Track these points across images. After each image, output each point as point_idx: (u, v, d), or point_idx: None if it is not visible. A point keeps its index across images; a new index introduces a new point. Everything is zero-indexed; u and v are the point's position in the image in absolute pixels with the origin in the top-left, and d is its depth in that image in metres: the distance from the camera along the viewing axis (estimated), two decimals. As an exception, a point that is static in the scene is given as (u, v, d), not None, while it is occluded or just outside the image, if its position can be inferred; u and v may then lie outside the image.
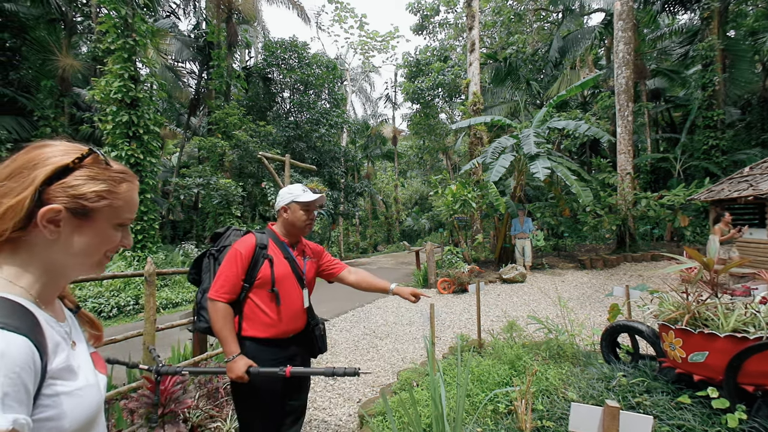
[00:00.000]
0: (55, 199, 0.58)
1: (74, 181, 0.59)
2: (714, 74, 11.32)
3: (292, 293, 1.74)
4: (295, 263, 1.78)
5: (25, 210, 0.55)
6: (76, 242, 0.61)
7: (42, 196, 0.57)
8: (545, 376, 2.58)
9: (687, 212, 10.04)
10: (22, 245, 0.58)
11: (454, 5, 19.13)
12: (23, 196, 0.55)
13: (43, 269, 0.60)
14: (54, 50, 12.49)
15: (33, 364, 0.51)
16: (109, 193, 0.63)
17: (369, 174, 25.15)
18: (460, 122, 10.51)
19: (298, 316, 1.77)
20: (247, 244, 1.69)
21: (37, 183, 0.56)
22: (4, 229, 0.55)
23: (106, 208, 0.62)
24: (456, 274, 7.62)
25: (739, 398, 1.78)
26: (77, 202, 0.59)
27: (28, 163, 0.58)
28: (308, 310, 1.85)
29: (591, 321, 4.88)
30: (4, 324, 0.50)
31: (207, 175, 12.51)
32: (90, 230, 0.62)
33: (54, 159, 0.59)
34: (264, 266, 1.67)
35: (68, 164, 0.59)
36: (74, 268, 0.64)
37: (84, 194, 0.60)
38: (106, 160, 0.64)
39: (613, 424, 1.15)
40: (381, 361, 4.05)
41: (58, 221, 0.58)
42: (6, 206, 0.55)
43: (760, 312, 1.91)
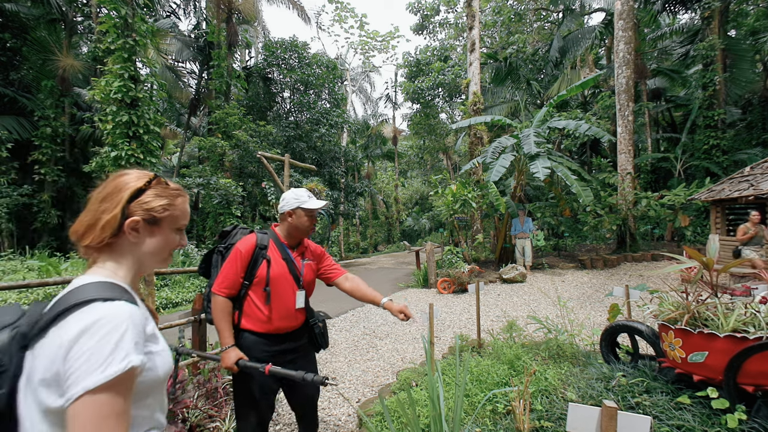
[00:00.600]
0: (135, 213, 0.80)
1: (146, 199, 0.81)
2: (715, 74, 11.31)
3: (285, 293, 1.80)
4: (293, 265, 1.84)
5: (117, 222, 0.78)
6: (151, 243, 0.83)
7: (126, 211, 0.79)
8: (544, 376, 2.57)
9: (687, 212, 10.03)
10: (116, 247, 0.80)
11: (454, 5, 19.12)
12: (115, 213, 0.77)
13: (130, 264, 0.82)
14: (54, 50, 12.51)
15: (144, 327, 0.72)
16: (170, 205, 0.84)
17: (369, 174, 25.15)
18: (461, 122, 10.51)
19: (290, 315, 1.82)
20: (248, 243, 1.77)
21: (122, 202, 0.78)
22: (104, 236, 0.77)
23: (168, 217, 0.84)
24: (456, 274, 7.62)
25: (738, 398, 1.77)
26: (149, 213, 0.81)
27: (115, 189, 0.80)
28: (307, 308, 1.90)
29: (591, 321, 4.87)
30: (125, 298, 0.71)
31: (207, 175, 12.51)
32: (159, 234, 0.84)
33: (131, 184, 0.81)
34: (262, 266, 1.75)
35: (141, 187, 0.81)
36: (150, 263, 0.85)
37: (153, 207, 0.82)
38: (166, 182, 0.86)
39: (610, 425, 1.15)
40: (380, 361, 4.05)
41: (137, 228, 0.80)
42: (104, 221, 0.77)
43: (760, 312, 1.90)
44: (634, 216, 9.75)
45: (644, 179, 12.94)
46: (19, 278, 7.71)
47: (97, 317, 0.65)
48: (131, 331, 0.67)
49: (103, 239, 0.77)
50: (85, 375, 0.60)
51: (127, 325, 0.67)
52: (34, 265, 8.61)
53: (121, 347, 0.64)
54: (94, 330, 0.64)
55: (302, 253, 1.91)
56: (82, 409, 0.60)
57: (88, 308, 0.67)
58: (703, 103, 11.79)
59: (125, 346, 0.65)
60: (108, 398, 0.62)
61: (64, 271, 8.21)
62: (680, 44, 14.66)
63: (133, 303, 0.72)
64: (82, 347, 0.62)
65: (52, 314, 0.67)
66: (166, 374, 0.77)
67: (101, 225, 0.77)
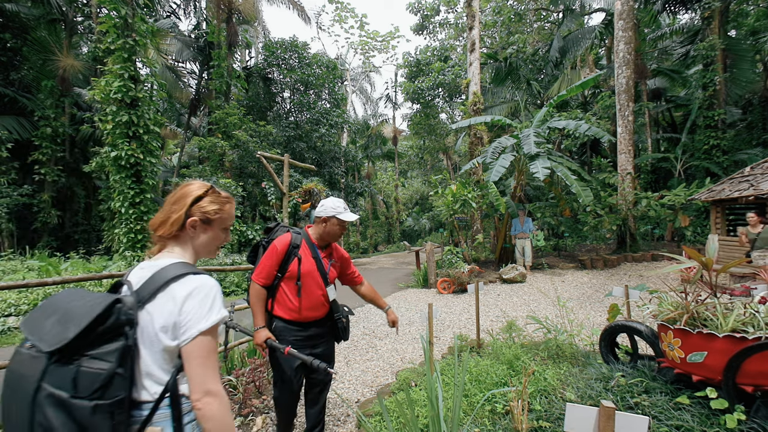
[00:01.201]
0: (194, 214, 1.07)
1: (203, 204, 1.08)
2: (715, 74, 11.29)
3: (313, 288, 2.06)
4: (321, 264, 2.10)
5: (182, 220, 1.05)
6: (204, 238, 1.11)
7: (188, 213, 1.06)
8: (543, 377, 2.57)
9: (688, 212, 10.02)
10: (180, 238, 1.08)
11: (454, 5, 19.11)
12: (181, 213, 1.05)
13: (190, 252, 1.09)
14: (55, 50, 12.51)
15: None
16: (220, 210, 1.11)
17: (369, 174, 25.14)
18: (461, 122, 10.50)
19: (317, 307, 2.09)
20: (284, 242, 2.05)
21: (187, 206, 1.06)
22: (172, 230, 1.05)
23: (218, 219, 1.11)
24: (456, 274, 7.61)
25: (738, 398, 1.77)
26: (205, 215, 1.09)
27: (182, 195, 1.08)
28: (332, 302, 2.18)
29: (590, 321, 4.87)
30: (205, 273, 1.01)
31: (207, 175, 12.51)
32: (210, 232, 1.12)
33: (194, 192, 1.08)
34: (294, 262, 2.02)
35: (201, 194, 1.09)
36: (202, 253, 1.13)
37: (208, 211, 1.09)
38: (219, 191, 1.13)
39: (608, 425, 1.14)
40: (380, 361, 4.04)
41: (196, 226, 1.08)
42: (173, 218, 1.05)
43: (759, 312, 1.90)
44: (634, 216, 9.74)
45: (644, 179, 12.93)
46: (18, 278, 7.71)
47: (196, 284, 0.96)
48: (219, 294, 0.99)
49: (171, 232, 1.05)
50: (197, 322, 0.92)
51: (216, 290, 0.99)
52: (34, 265, 8.61)
53: (216, 304, 0.97)
54: (196, 292, 0.95)
55: (330, 254, 2.18)
56: (197, 345, 0.92)
57: (186, 279, 0.97)
58: (703, 103, 11.77)
59: (218, 304, 0.97)
60: (211, 338, 0.95)
61: (63, 271, 8.21)
62: (680, 44, 14.65)
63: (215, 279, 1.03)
64: (192, 304, 0.93)
65: (157, 284, 0.95)
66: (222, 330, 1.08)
67: (171, 221, 1.05)
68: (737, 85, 12.70)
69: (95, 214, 14.15)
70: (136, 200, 8.82)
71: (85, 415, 0.78)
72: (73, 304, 0.87)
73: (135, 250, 8.76)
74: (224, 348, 3.14)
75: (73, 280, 2.31)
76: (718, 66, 11.30)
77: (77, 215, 14.28)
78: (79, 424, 0.78)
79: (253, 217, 17.80)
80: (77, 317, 0.83)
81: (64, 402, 0.78)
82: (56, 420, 0.77)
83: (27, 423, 0.78)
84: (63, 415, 0.77)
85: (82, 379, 0.80)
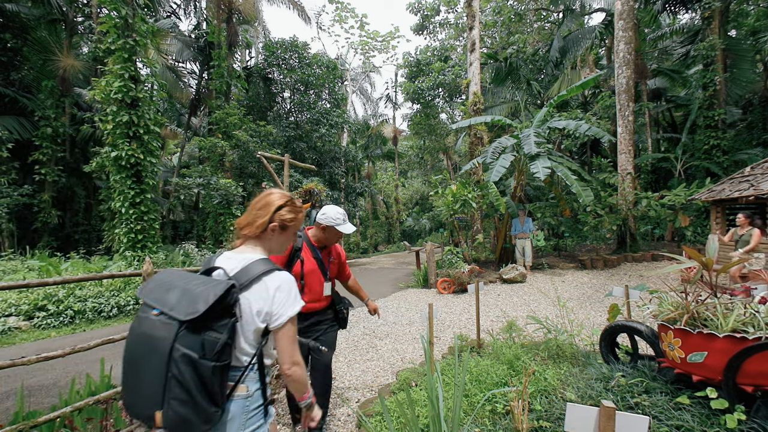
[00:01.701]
0: (275, 220, 1.33)
1: (283, 212, 1.34)
2: (715, 74, 11.29)
3: (315, 284, 2.38)
4: (323, 263, 2.41)
5: (265, 224, 1.31)
6: (279, 240, 1.37)
7: (271, 218, 1.31)
8: (543, 377, 2.57)
9: (688, 212, 10.01)
10: (261, 238, 1.33)
11: (454, 5, 19.11)
12: (265, 219, 1.31)
13: (268, 249, 1.35)
14: (55, 50, 12.52)
15: None
16: (294, 218, 1.37)
17: (369, 174, 25.14)
18: (461, 122, 10.50)
19: (318, 299, 2.41)
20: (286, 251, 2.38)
21: (270, 213, 1.32)
22: (257, 231, 1.30)
23: (293, 226, 1.38)
24: (456, 274, 7.61)
25: (738, 399, 1.77)
26: (283, 222, 1.35)
27: (267, 203, 1.33)
28: (335, 294, 2.53)
29: (591, 321, 4.87)
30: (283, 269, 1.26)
31: (207, 175, 12.51)
32: (284, 235, 1.38)
33: (276, 202, 1.34)
34: (297, 264, 2.32)
35: (281, 204, 1.35)
36: (276, 251, 1.39)
37: (286, 219, 1.35)
38: (295, 203, 1.39)
39: (608, 425, 1.15)
40: (380, 361, 4.05)
41: (275, 230, 1.34)
42: (259, 222, 1.30)
43: (760, 312, 1.90)
44: (634, 216, 9.74)
45: (644, 179, 12.93)
46: (19, 278, 7.72)
47: (282, 279, 1.22)
48: (296, 288, 1.25)
49: (256, 233, 1.32)
50: (287, 310, 1.19)
51: (294, 284, 1.25)
52: (34, 265, 8.61)
53: (297, 297, 1.24)
54: (283, 287, 1.21)
55: (329, 252, 2.48)
56: (287, 328, 1.20)
57: (273, 274, 1.22)
58: (703, 103, 11.77)
59: (298, 296, 1.25)
60: (293, 324, 1.22)
61: (64, 272, 8.21)
62: (680, 44, 14.64)
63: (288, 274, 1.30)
64: (281, 296, 1.20)
65: (252, 276, 1.19)
66: None
67: (256, 224, 1.32)
68: (737, 85, 12.70)
69: (95, 214, 14.15)
70: (136, 200, 8.82)
71: (207, 372, 1.04)
72: (192, 285, 1.11)
73: (135, 250, 8.75)
74: None
75: (74, 280, 2.31)
76: (718, 66, 11.29)
77: (77, 215, 14.29)
78: (201, 379, 1.03)
79: (253, 217, 17.78)
80: (203, 295, 1.06)
81: (193, 361, 1.02)
82: (187, 374, 1.01)
83: (162, 374, 1.01)
84: (191, 371, 1.02)
85: (207, 344, 1.05)
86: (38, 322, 6.29)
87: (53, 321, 6.39)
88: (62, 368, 4.31)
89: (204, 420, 1.05)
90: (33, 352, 4.89)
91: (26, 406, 3.08)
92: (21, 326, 6.13)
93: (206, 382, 1.04)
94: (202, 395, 1.04)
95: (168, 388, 1.01)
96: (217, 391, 1.08)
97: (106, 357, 4.09)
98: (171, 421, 1.01)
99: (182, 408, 1.01)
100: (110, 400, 2.47)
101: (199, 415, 1.03)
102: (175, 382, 1.01)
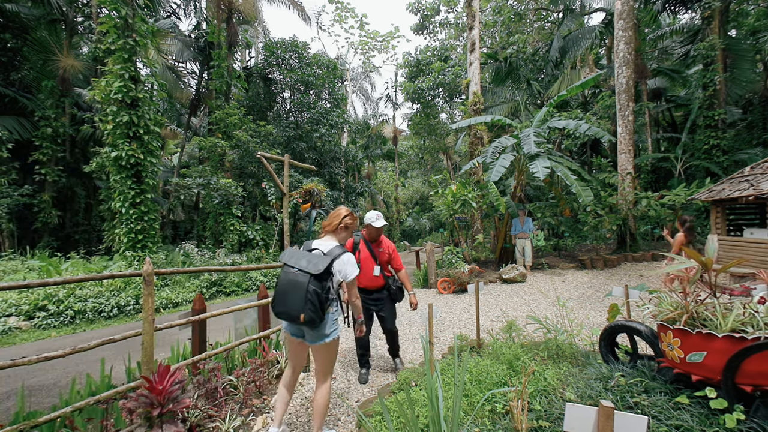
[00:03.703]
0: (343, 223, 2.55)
1: (346, 219, 2.56)
2: (715, 74, 11.29)
3: (368, 267, 3.41)
4: (373, 252, 3.44)
5: (336, 225, 2.53)
6: (343, 234, 2.56)
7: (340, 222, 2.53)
8: (543, 377, 2.58)
9: (688, 212, 10.02)
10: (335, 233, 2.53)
11: (454, 5, 19.10)
12: (336, 222, 2.53)
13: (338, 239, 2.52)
14: (55, 51, 12.52)
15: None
16: (352, 224, 2.61)
17: (369, 174, 25.14)
18: (461, 122, 10.49)
19: (372, 279, 3.42)
20: (349, 243, 3.45)
21: (340, 218, 2.55)
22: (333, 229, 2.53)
23: (351, 227, 2.61)
24: (456, 274, 7.62)
25: (737, 398, 1.77)
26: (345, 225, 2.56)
27: (338, 214, 2.56)
28: (384, 277, 3.45)
29: (590, 321, 4.87)
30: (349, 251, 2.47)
31: (207, 175, 12.51)
32: (346, 232, 2.58)
33: (343, 213, 2.57)
34: (356, 254, 3.40)
35: (345, 215, 2.57)
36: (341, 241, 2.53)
37: (347, 223, 2.57)
38: (353, 213, 2.62)
39: (607, 425, 1.15)
40: (380, 361, 4.05)
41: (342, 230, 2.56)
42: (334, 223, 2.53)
43: (759, 312, 1.90)
44: (634, 216, 9.74)
45: (644, 179, 12.92)
46: (19, 278, 7.72)
47: (349, 257, 2.36)
48: (353, 260, 2.39)
49: (332, 230, 2.51)
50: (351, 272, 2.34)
51: (354, 259, 2.39)
52: (34, 265, 8.62)
53: (355, 266, 2.39)
54: (350, 260, 2.36)
55: (379, 244, 3.48)
56: (351, 282, 2.36)
57: (346, 254, 2.36)
58: (703, 102, 11.77)
59: (356, 265, 2.39)
60: (355, 280, 2.39)
61: (64, 272, 8.21)
62: (680, 44, 14.64)
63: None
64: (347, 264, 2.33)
65: (336, 254, 2.30)
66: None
67: (332, 225, 2.51)
68: (737, 85, 12.69)
69: (95, 214, 14.15)
70: (136, 200, 8.82)
71: (322, 299, 2.14)
72: (312, 257, 2.24)
73: (135, 250, 8.76)
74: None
75: (75, 280, 2.31)
76: (718, 66, 11.29)
77: (78, 215, 14.29)
78: (319, 300, 2.13)
79: (253, 217, 17.80)
80: (321, 262, 2.19)
81: (318, 293, 2.13)
82: (314, 298, 2.11)
83: (303, 298, 2.10)
84: (316, 297, 2.12)
85: (323, 286, 2.17)
86: (38, 322, 6.29)
87: (53, 321, 6.40)
88: (63, 368, 4.32)
89: (318, 318, 2.14)
90: (33, 352, 4.89)
91: (27, 406, 3.09)
92: (21, 326, 6.14)
93: (321, 302, 2.14)
94: (319, 308, 2.13)
95: (305, 303, 2.10)
96: (324, 307, 2.18)
97: (107, 357, 4.10)
98: (307, 317, 2.10)
99: (311, 313, 2.11)
100: (111, 400, 2.47)
101: (318, 316, 2.13)
102: (308, 301, 2.11)
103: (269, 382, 3.38)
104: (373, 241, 3.43)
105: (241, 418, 2.72)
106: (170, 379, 2.23)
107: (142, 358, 2.53)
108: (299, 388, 3.36)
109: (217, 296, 8.93)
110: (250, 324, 4.25)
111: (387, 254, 3.44)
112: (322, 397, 2.32)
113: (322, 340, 2.27)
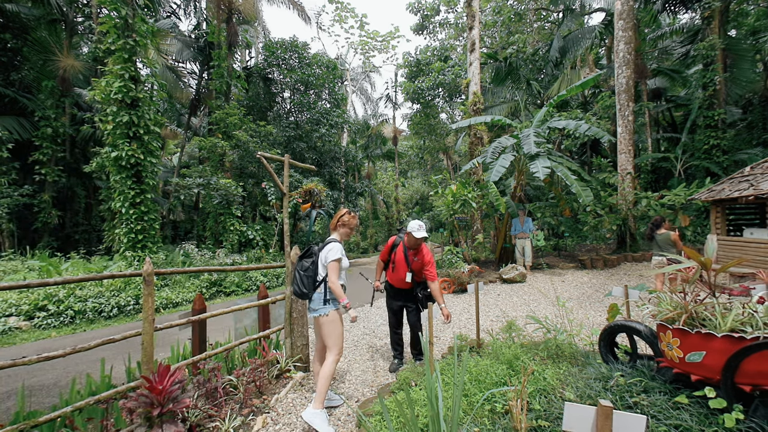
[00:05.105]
0: (342, 221, 3.09)
1: (344, 217, 3.09)
2: (715, 74, 11.29)
3: (401, 270, 3.65)
4: (407, 257, 3.61)
5: (336, 223, 3.09)
6: (342, 231, 3.10)
7: (338, 220, 3.08)
8: (543, 376, 2.58)
9: (688, 212, 10.01)
10: (335, 229, 3.10)
11: (454, 5, 19.11)
12: (335, 221, 3.10)
13: (338, 235, 3.09)
14: (55, 51, 12.52)
15: (342, 251, 2.98)
16: (349, 222, 3.11)
17: (369, 174, 25.14)
18: (461, 122, 10.50)
19: (403, 282, 3.65)
20: (390, 242, 3.81)
21: (338, 218, 3.10)
22: (334, 226, 3.10)
23: (348, 224, 3.11)
24: (456, 274, 7.62)
25: (736, 398, 1.77)
26: (343, 222, 3.09)
27: (339, 214, 3.11)
28: (413, 282, 3.63)
29: (590, 321, 4.87)
30: (337, 240, 3.02)
31: (207, 175, 12.51)
32: (344, 228, 3.11)
33: (342, 212, 3.11)
34: (393, 254, 3.74)
35: (343, 214, 3.10)
36: (343, 237, 3.10)
37: (345, 221, 3.09)
38: (352, 212, 3.14)
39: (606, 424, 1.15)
40: (380, 361, 4.05)
41: (340, 227, 3.10)
42: (334, 222, 3.10)
43: (758, 312, 1.90)
44: (634, 216, 9.74)
45: (644, 179, 12.93)
46: (19, 278, 7.73)
47: (333, 245, 2.91)
48: (341, 250, 2.91)
49: (333, 226, 3.09)
50: (330, 256, 2.84)
51: (339, 247, 2.92)
52: (34, 265, 8.62)
53: (337, 252, 2.87)
54: (332, 247, 2.89)
55: (415, 252, 3.61)
56: (331, 266, 2.82)
57: (331, 242, 2.94)
58: (703, 102, 11.77)
59: (338, 252, 2.87)
60: (337, 265, 2.85)
61: (64, 272, 8.22)
62: (680, 44, 14.64)
63: (341, 245, 2.99)
64: (329, 251, 2.88)
65: (325, 243, 2.96)
66: (346, 267, 2.98)
67: (333, 223, 3.08)
68: (737, 85, 12.70)
69: (96, 215, 14.16)
70: (136, 200, 8.82)
71: (312, 277, 2.91)
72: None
73: (135, 250, 8.76)
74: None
75: (75, 280, 2.31)
76: (718, 66, 11.29)
77: (78, 215, 14.29)
78: (310, 278, 2.91)
79: (253, 217, 17.80)
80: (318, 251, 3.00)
81: (308, 270, 2.92)
82: (306, 273, 2.92)
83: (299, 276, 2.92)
84: (307, 276, 2.91)
85: (303, 266, 2.94)
86: (39, 322, 6.30)
87: (54, 321, 6.40)
88: (63, 368, 4.32)
89: (302, 294, 2.88)
90: (33, 352, 4.90)
91: (27, 406, 3.09)
92: (21, 326, 6.14)
93: (311, 278, 2.88)
94: (302, 284, 2.87)
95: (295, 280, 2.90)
96: (308, 285, 2.87)
97: (107, 357, 4.10)
98: (295, 291, 2.90)
99: (296, 287, 2.89)
100: (111, 400, 2.48)
101: (301, 292, 2.88)
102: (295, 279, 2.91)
103: (269, 382, 3.39)
104: (411, 249, 3.59)
105: (241, 418, 2.73)
106: (170, 379, 2.23)
107: (142, 358, 2.54)
108: (299, 388, 3.36)
109: (217, 296, 8.93)
110: (250, 324, 4.25)
111: (420, 263, 3.56)
112: (326, 366, 2.74)
113: (312, 313, 2.88)
